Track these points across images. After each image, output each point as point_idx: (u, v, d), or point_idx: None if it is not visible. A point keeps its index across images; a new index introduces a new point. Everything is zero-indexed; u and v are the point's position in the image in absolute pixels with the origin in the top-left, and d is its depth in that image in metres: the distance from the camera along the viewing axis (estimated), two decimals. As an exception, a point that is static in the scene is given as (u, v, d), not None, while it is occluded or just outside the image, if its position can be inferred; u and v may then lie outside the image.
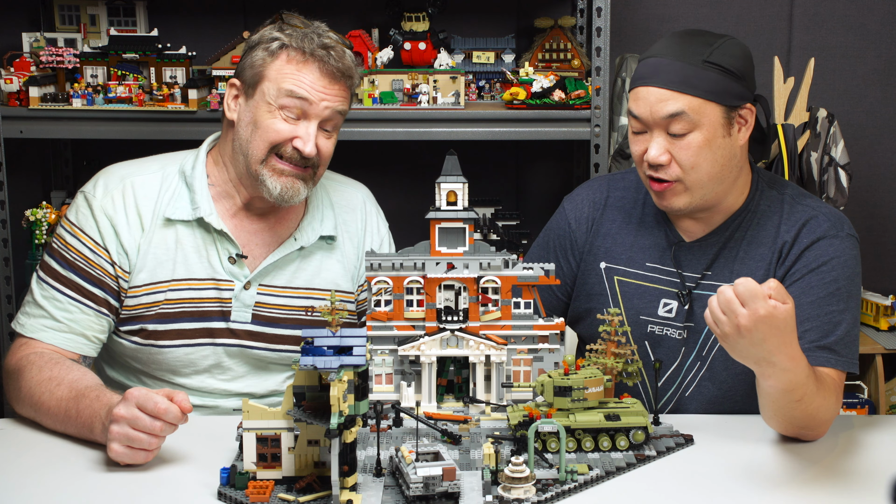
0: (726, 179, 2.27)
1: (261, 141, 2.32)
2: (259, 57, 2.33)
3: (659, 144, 2.22)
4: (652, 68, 2.23)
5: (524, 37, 3.59)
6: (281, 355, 2.42)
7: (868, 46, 3.69)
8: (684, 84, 2.19)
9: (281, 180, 2.33)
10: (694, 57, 2.20)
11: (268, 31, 2.36)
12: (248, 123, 2.34)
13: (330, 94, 2.32)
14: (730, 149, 2.24)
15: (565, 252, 2.47)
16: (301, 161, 2.33)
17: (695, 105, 2.19)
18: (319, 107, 2.32)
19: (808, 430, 2.10)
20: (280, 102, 2.30)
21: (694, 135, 2.20)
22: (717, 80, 2.19)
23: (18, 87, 3.14)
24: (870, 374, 3.48)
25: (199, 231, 2.38)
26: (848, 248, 2.27)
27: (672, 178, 2.23)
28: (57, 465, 2.02)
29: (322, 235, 2.46)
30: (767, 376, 1.98)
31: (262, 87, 2.32)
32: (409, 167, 3.67)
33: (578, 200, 2.50)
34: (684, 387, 2.36)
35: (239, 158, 2.37)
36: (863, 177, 3.70)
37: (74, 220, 2.37)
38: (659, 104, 2.20)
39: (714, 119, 2.20)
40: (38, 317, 2.32)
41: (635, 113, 2.24)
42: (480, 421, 2.14)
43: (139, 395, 1.95)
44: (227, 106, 2.39)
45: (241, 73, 2.37)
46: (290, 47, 2.32)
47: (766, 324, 1.87)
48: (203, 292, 2.37)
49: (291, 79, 2.30)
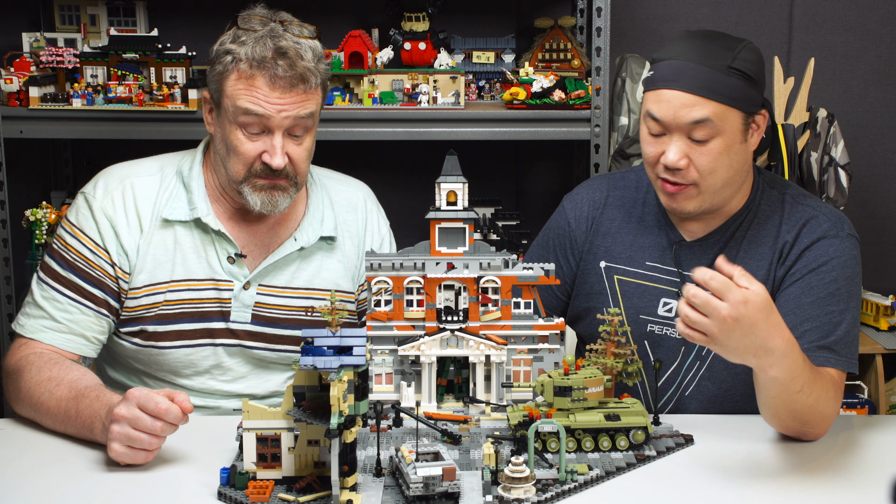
0: (737, 183, 2.28)
1: (237, 162, 2.30)
2: (217, 72, 2.29)
3: (679, 149, 2.19)
4: (676, 71, 2.18)
5: (524, 37, 3.59)
6: (281, 355, 2.42)
7: (868, 46, 3.69)
8: (710, 90, 2.16)
9: (260, 195, 2.31)
10: (718, 61, 2.17)
11: (225, 39, 2.30)
12: (221, 141, 2.33)
13: (286, 102, 2.25)
14: (744, 154, 2.24)
15: (565, 251, 2.47)
16: (273, 173, 2.30)
17: (719, 112, 2.16)
18: (278, 118, 2.26)
19: (809, 426, 2.10)
20: (239, 121, 2.27)
21: (715, 141, 2.18)
22: (739, 87, 2.17)
23: (18, 87, 3.13)
24: (870, 374, 3.48)
25: (197, 232, 2.38)
26: (848, 249, 2.27)
27: (688, 181, 2.22)
28: (57, 465, 2.02)
29: (322, 236, 2.46)
30: (769, 367, 1.96)
31: (224, 103, 2.29)
32: (409, 167, 3.66)
33: (578, 200, 2.50)
34: (684, 386, 2.36)
35: (221, 171, 2.36)
36: (863, 177, 3.70)
37: (74, 221, 2.37)
38: (684, 109, 2.16)
39: (735, 125, 2.19)
40: (38, 317, 2.32)
41: (657, 115, 2.20)
42: (480, 421, 2.14)
43: (140, 396, 1.95)
44: (206, 119, 2.37)
45: (208, 87, 2.35)
46: (240, 62, 2.25)
47: (749, 307, 1.87)
48: (202, 293, 2.37)
49: (244, 96, 2.25)
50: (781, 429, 2.13)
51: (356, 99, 3.22)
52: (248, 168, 2.29)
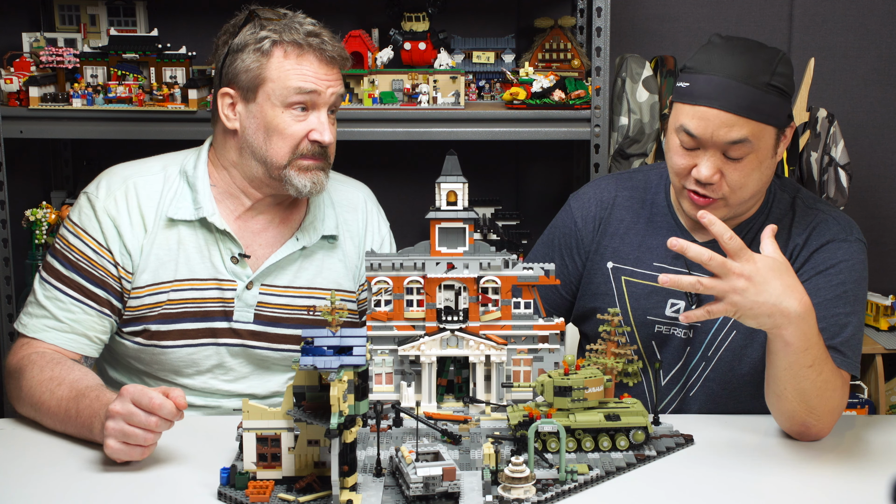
0: (762, 194, 2.29)
1: (282, 146, 2.31)
2: (251, 59, 2.30)
3: (713, 165, 2.18)
4: (718, 88, 2.14)
5: (524, 37, 3.59)
6: (283, 355, 2.42)
7: (868, 46, 3.69)
8: (750, 110, 2.13)
9: (308, 176, 2.33)
10: (758, 79, 2.14)
11: (249, 31, 2.33)
12: (257, 130, 2.32)
13: (332, 78, 2.33)
14: (773, 167, 2.24)
15: (570, 251, 2.47)
16: (321, 152, 2.34)
17: (756, 131, 2.15)
18: (326, 94, 2.32)
19: (814, 415, 2.08)
20: (290, 101, 2.30)
21: (749, 158, 2.17)
22: (777, 104, 2.16)
23: (18, 87, 3.14)
24: (870, 374, 3.48)
25: (201, 231, 2.38)
26: (856, 253, 2.28)
27: (718, 196, 2.21)
28: (57, 465, 2.01)
29: (324, 235, 2.46)
30: (783, 328, 1.97)
31: (266, 89, 2.30)
32: (409, 167, 3.67)
33: (585, 199, 2.49)
34: (689, 386, 2.36)
35: (252, 164, 2.35)
36: (863, 177, 3.70)
37: (77, 221, 2.37)
38: (723, 129, 2.14)
39: (769, 142, 2.18)
40: (41, 317, 2.32)
41: (693, 132, 2.17)
42: (480, 421, 2.14)
43: (134, 391, 1.95)
44: (225, 116, 2.36)
45: (235, 80, 2.33)
46: (283, 42, 2.30)
47: (761, 264, 1.94)
48: (205, 292, 2.37)
49: (295, 75, 2.29)
50: (785, 418, 2.11)
51: (356, 99, 3.22)
52: (294, 150, 2.32)
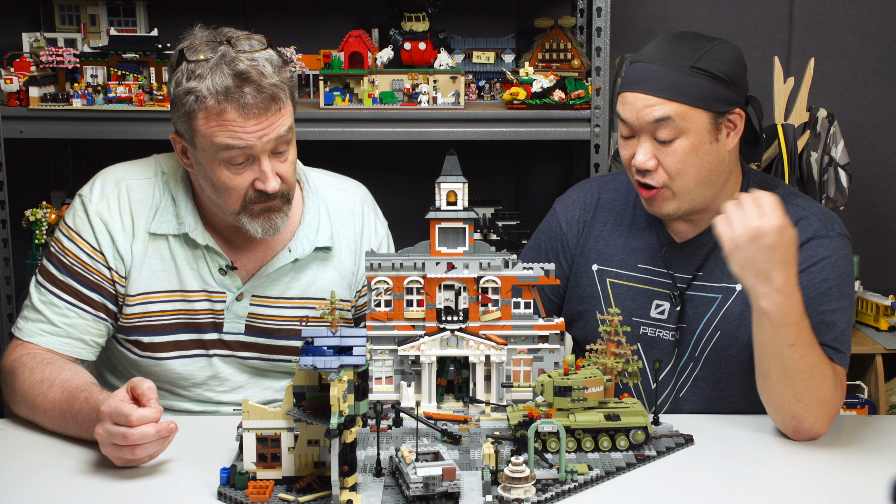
0: (715, 184, 2.28)
1: (228, 199, 2.24)
2: (182, 113, 2.19)
3: (646, 150, 2.23)
4: (639, 74, 2.23)
5: (524, 37, 3.59)
6: (275, 364, 2.41)
7: (868, 46, 3.69)
8: (670, 91, 2.19)
9: (259, 222, 2.26)
10: (681, 62, 2.20)
11: (180, 77, 2.19)
12: (205, 179, 2.25)
13: (265, 125, 2.17)
14: (717, 154, 2.24)
15: (557, 255, 2.47)
16: (268, 197, 2.24)
17: (681, 112, 2.19)
18: (261, 145, 2.18)
19: (803, 403, 2.07)
20: (221, 157, 2.18)
21: (680, 141, 2.20)
22: (704, 87, 2.19)
23: (18, 87, 3.14)
24: (870, 374, 3.47)
25: (187, 245, 2.35)
26: (839, 248, 2.27)
27: (659, 184, 2.24)
28: (56, 465, 2.02)
29: (318, 247, 2.41)
30: (762, 296, 2.03)
31: (199, 143, 2.20)
32: (409, 167, 3.66)
33: (569, 203, 2.50)
34: (678, 387, 2.36)
35: (213, 202, 2.29)
36: (863, 177, 3.70)
37: (71, 224, 2.35)
38: (645, 110, 2.20)
39: (701, 125, 2.20)
40: (36, 321, 2.31)
41: (623, 117, 2.25)
42: (480, 421, 2.14)
43: (111, 412, 1.94)
44: (181, 158, 2.29)
45: (176, 128, 2.25)
46: (204, 99, 2.14)
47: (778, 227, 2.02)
48: (196, 303, 2.35)
49: (220, 132, 2.16)
50: (774, 407, 2.11)
51: (356, 99, 3.22)
52: (243, 199, 2.24)
